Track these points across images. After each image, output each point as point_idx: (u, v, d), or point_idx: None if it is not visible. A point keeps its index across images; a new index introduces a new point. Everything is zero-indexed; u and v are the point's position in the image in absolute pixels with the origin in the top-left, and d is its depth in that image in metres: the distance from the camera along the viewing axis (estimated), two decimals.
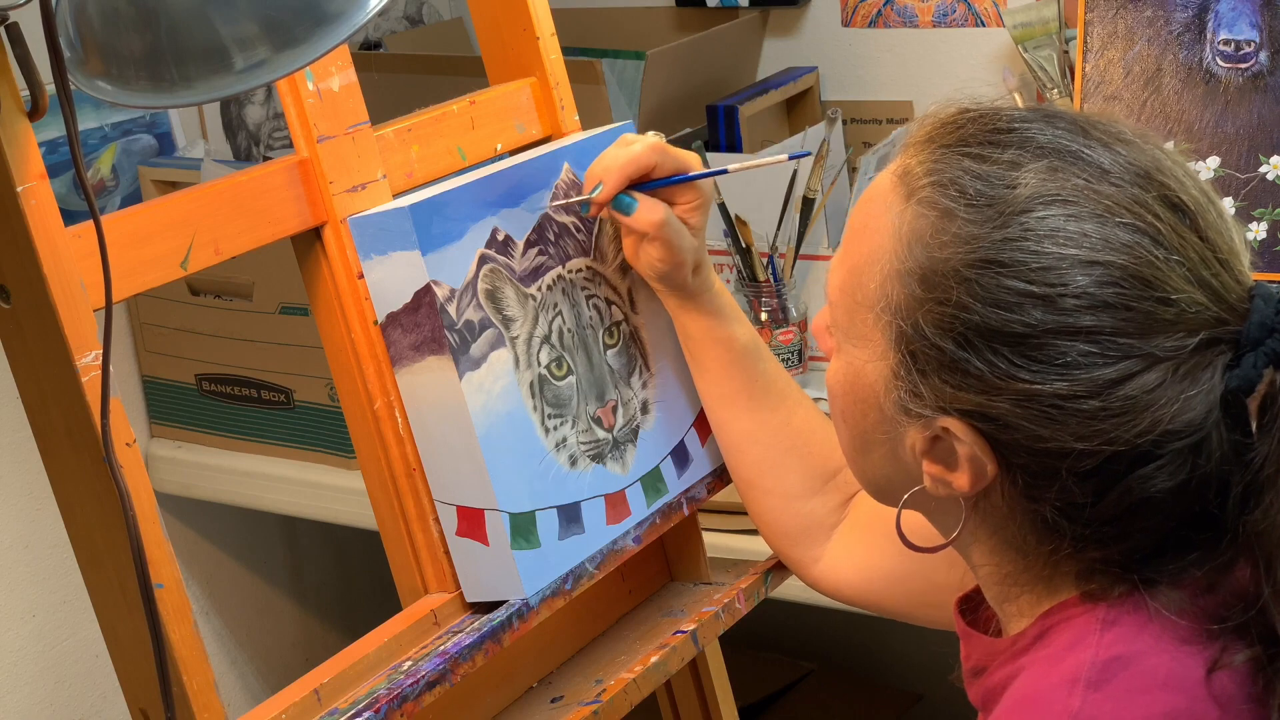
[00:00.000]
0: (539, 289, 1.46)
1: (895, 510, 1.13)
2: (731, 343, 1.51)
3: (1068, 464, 0.99)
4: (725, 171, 1.52)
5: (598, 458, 1.48)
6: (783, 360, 2.19)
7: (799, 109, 2.51)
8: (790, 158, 1.53)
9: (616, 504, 1.49)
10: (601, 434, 1.49)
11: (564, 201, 1.48)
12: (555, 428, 1.44)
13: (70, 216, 1.22)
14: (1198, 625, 1.01)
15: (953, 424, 1.02)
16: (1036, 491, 1.02)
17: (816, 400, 2.12)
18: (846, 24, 2.50)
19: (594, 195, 1.43)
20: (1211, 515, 1.00)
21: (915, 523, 1.13)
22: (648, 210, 1.43)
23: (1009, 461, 1.02)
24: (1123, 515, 1.00)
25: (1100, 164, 1.01)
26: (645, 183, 1.44)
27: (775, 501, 1.51)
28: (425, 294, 1.36)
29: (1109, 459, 0.98)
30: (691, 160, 1.45)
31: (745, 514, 1.84)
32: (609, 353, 1.51)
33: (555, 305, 1.47)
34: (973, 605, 1.19)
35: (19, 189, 1.17)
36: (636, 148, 1.42)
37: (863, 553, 1.47)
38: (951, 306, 1.00)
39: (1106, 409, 0.97)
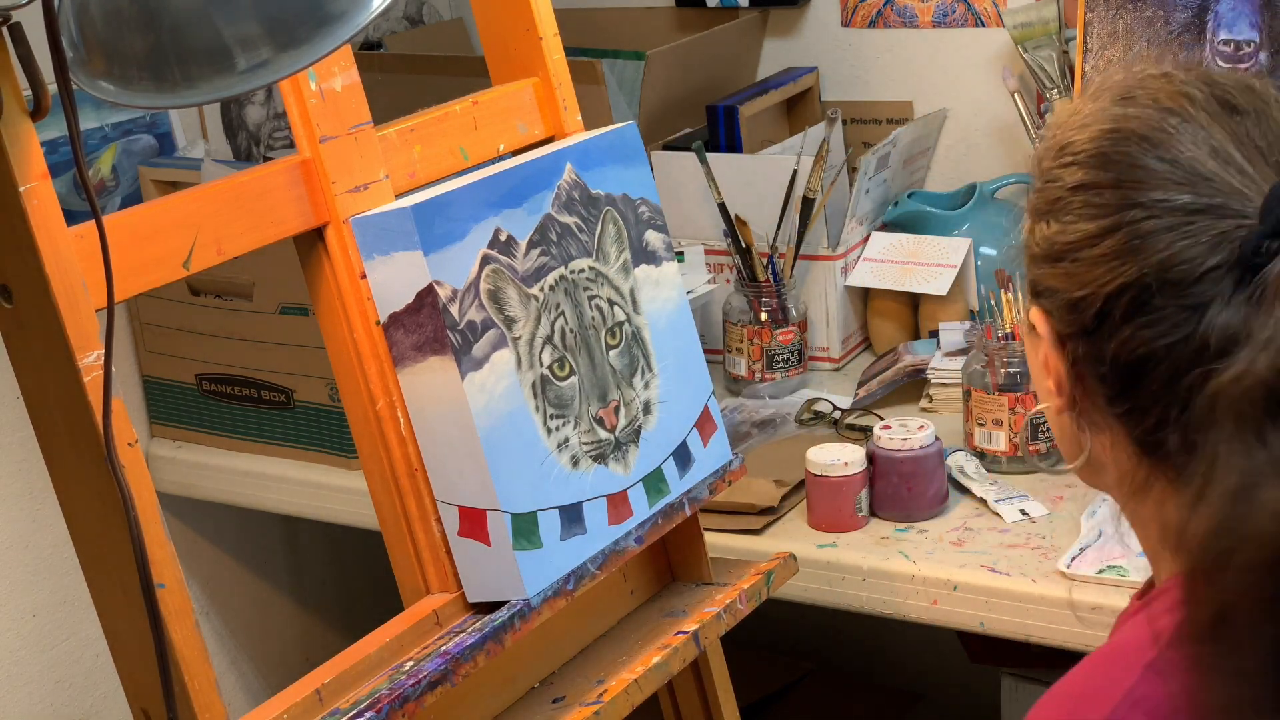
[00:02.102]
0: (541, 289, 1.46)
1: None
2: None
3: (1080, 315, 1.06)
4: None
5: (600, 458, 1.48)
6: (783, 360, 2.19)
7: (799, 109, 2.51)
8: None
9: (618, 504, 1.49)
10: (603, 434, 1.49)
11: None
12: (557, 428, 1.44)
13: (71, 216, 1.22)
14: None
15: (1033, 311, 1.11)
16: (1078, 365, 1.08)
17: (814, 399, 2.13)
18: (846, 24, 2.50)
19: None
20: None
21: None
22: None
23: (1063, 342, 1.09)
24: (1130, 378, 1.04)
25: (1166, 70, 1.10)
26: None
27: None
28: (427, 294, 1.36)
29: (1106, 303, 1.04)
30: None
31: (746, 514, 1.85)
32: (611, 353, 1.51)
33: (558, 305, 1.47)
34: None
35: (21, 188, 1.17)
36: None
37: None
38: (1035, 196, 1.11)
39: (1103, 254, 1.04)
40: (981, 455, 1.93)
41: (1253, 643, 0.96)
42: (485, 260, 1.41)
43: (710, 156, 2.20)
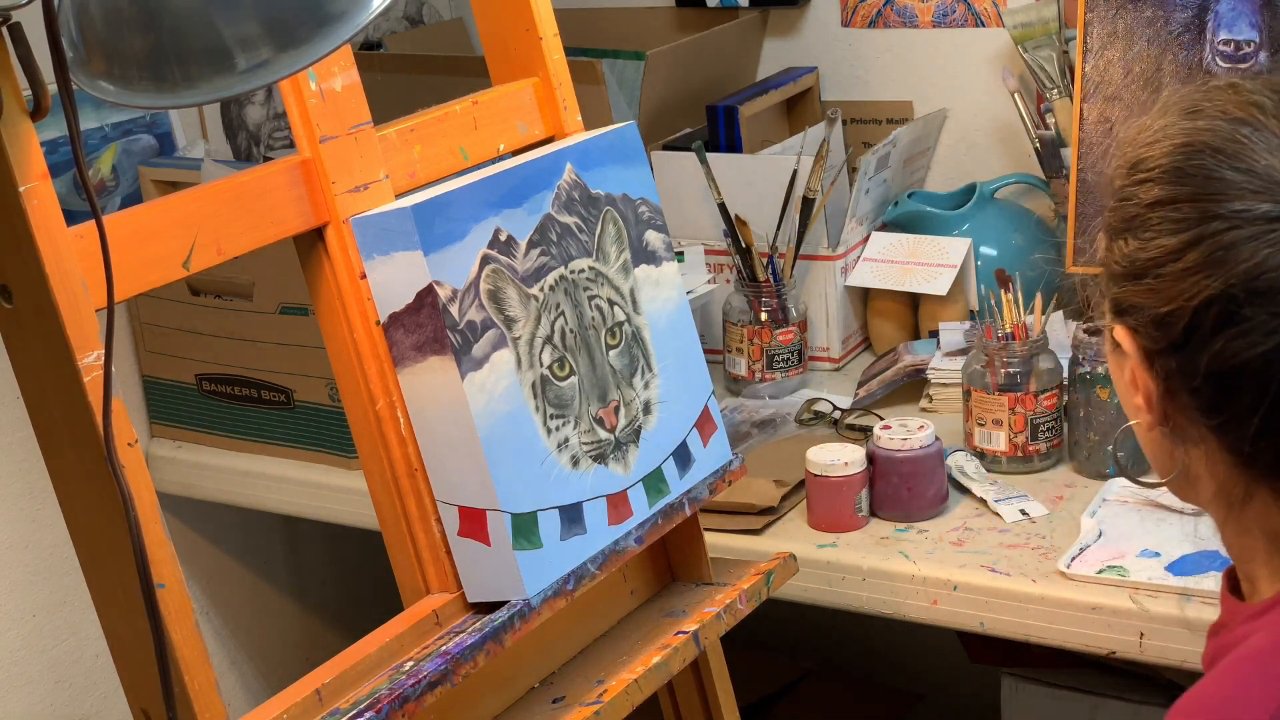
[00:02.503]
0: (541, 289, 1.46)
1: None
2: None
3: (1168, 331, 1.05)
4: None
5: (600, 458, 1.48)
6: (783, 360, 2.19)
7: (799, 109, 2.51)
8: None
9: (618, 504, 1.49)
10: (603, 434, 1.49)
11: None
12: (557, 428, 1.44)
13: (71, 216, 1.22)
14: None
15: (1118, 330, 1.11)
16: (1169, 380, 1.07)
17: (814, 399, 2.13)
18: (846, 24, 2.50)
19: None
20: None
21: None
22: None
23: (1151, 358, 1.08)
24: (1225, 389, 1.04)
25: (1239, 85, 1.09)
26: None
27: None
28: (427, 294, 1.36)
29: (1194, 317, 1.04)
30: None
31: (746, 514, 1.85)
32: (611, 353, 1.51)
33: (558, 305, 1.47)
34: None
35: (21, 189, 1.17)
36: None
37: None
38: (1110, 214, 1.11)
39: (1187, 268, 1.03)
40: (981, 455, 1.93)
41: None
42: (485, 260, 1.41)
43: (710, 156, 2.20)
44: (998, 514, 1.84)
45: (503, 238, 1.43)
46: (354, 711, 1.28)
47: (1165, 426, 1.11)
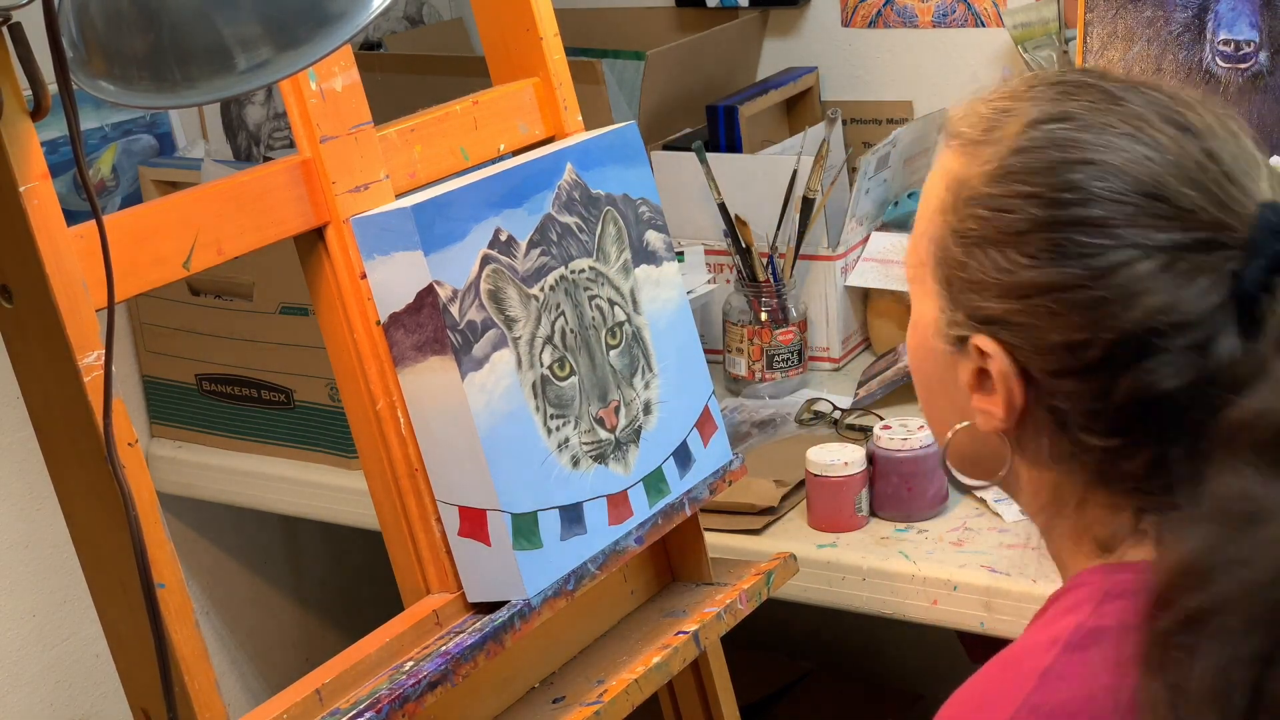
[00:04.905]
0: (542, 289, 1.46)
1: None
2: None
3: (1075, 358, 1.02)
4: None
5: (600, 458, 1.48)
6: (783, 360, 2.19)
7: (799, 109, 2.51)
8: None
9: (618, 504, 1.49)
10: (604, 434, 1.49)
11: None
12: (558, 428, 1.44)
13: (71, 216, 1.22)
14: None
15: (982, 340, 1.06)
16: (1054, 398, 1.05)
17: (814, 399, 2.13)
18: (846, 24, 2.50)
19: None
20: None
21: None
22: None
23: (1029, 373, 1.05)
24: (1134, 415, 1.02)
25: (1108, 90, 1.06)
26: None
27: None
28: (428, 294, 1.36)
29: (1110, 349, 1.01)
30: None
31: (746, 514, 1.85)
32: (612, 353, 1.51)
33: (558, 306, 1.47)
34: None
35: (21, 188, 1.17)
36: None
37: None
38: (970, 221, 1.06)
39: (1101, 297, 1.01)
40: None
41: (1214, 661, 0.95)
42: (485, 260, 1.41)
43: (710, 156, 2.20)
44: (998, 514, 1.83)
45: (503, 238, 1.43)
46: (354, 711, 1.28)
47: (1013, 435, 1.08)
